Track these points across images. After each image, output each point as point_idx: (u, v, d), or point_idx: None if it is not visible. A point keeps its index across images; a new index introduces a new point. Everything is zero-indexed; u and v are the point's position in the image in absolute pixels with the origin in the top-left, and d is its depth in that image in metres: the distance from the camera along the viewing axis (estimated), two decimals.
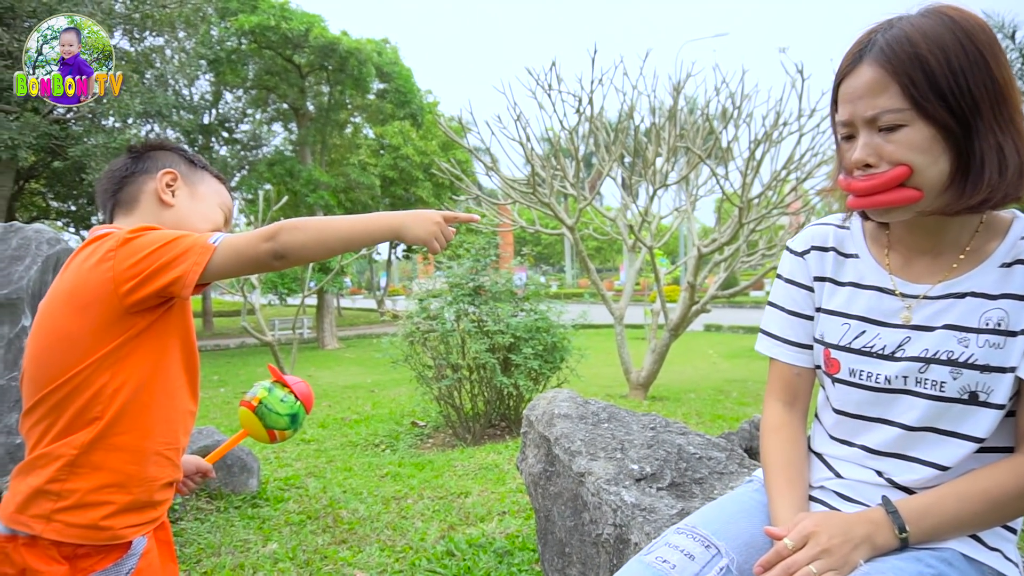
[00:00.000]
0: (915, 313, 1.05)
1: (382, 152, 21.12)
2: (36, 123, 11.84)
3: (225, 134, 19.39)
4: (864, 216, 1.14)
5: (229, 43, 16.22)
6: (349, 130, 21.89)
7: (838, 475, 1.13)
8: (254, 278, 9.08)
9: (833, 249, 1.17)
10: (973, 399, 1.00)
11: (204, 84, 18.15)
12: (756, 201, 7.27)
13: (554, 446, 1.84)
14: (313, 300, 19.85)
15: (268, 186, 17.84)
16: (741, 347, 14.28)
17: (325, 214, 18.34)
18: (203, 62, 16.34)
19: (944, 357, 1.01)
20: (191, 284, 1.09)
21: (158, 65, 15.44)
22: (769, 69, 7.31)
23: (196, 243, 1.11)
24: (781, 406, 1.21)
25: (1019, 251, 1.00)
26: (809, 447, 1.22)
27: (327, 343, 18.77)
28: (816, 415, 1.24)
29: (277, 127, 20.91)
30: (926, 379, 1.02)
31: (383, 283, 31.08)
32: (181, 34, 15.19)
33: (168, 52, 15.82)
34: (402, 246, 26.73)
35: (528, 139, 7.79)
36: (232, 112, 19.58)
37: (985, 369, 0.99)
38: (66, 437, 1.10)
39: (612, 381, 9.41)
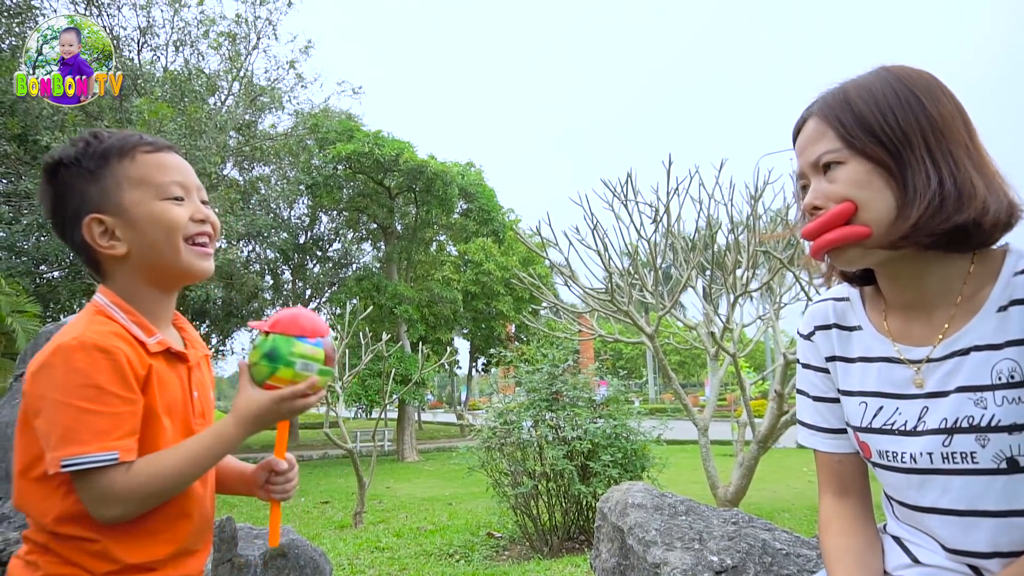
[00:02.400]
0: (927, 378, 0.98)
1: (464, 268, 21.82)
2: None
3: (319, 253, 20.60)
4: (848, 279, 1.11)
5: (326, 169, 17.52)
6: (434, 247, 22.82)
7: (916, 561, 1.03)
8: (338, 387, 9.30)
9: (835, 325, 1.12)
10: (1014, 467, 0.90)
11: (302, 207, 19.54)
12: None
13: (628, 536, 1.75)
14: (394, 413, 20.06)
15: (356, 300, 18.62)
16: None
17: (409, 328, 18.87)
18: (302, 187, 17.66)
19: (965, 424, 0.92)
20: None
21: (263, 191, 16.80)
22: None
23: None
24: (831, 498, 1.13)
25: (1014, 290, 0.93)
26: (885, 530, 1.12)
27: (407, 455, 18.75)
28: (885, 497, 1.15)
29: (366, 246, 22.08)
30: (953, 452, 0.93)
31: (464, 397, 31.15)
32: (285, 163, 16.56)
33: (273, 180, 17.25)
34: (483, 359, 26.95)
35: (605, 248, 7.90)
36: (326, 232, 20.87)
37: (1013, 429, 0.90)
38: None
39: (697, 496, 8.88)
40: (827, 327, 1.13)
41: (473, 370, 27.93)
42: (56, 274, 14.90)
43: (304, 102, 18.19)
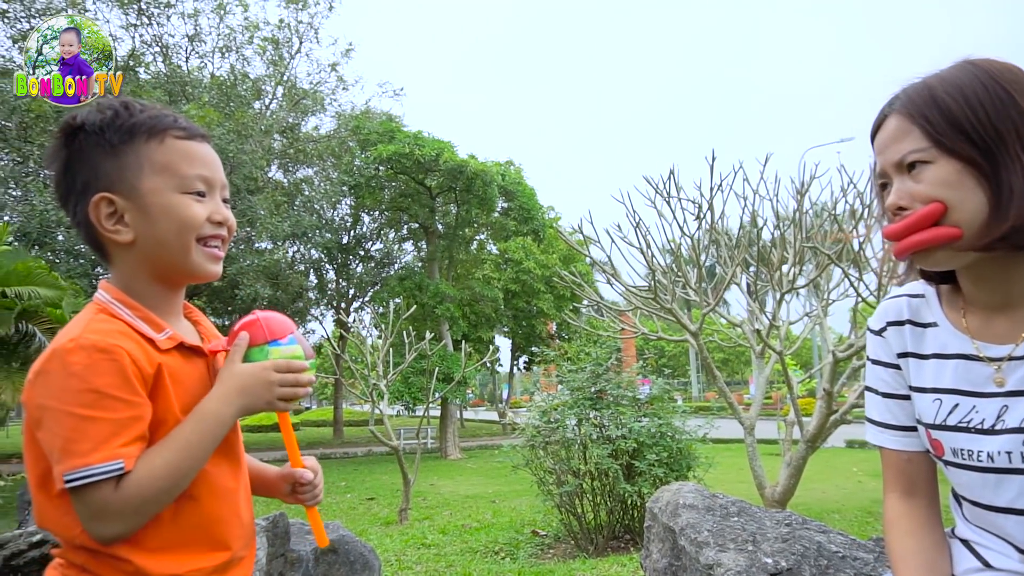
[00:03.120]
0: (1007, 376, 0.96)
1: (505, 266, 21.87)
2: None
3: (361, 252, 20.90)
4: (927, 277, 1.09)
5: (368, 170, 17.76)
6: (474, 246, 22.93)
7: (987, 564, 1.01)
8: (383, 385, 9.42)
9: (908, 321, 1.10)
10: None
11: (344, 207, 19.84)
12: None
13: (679, 537, 1.75)
14: (437, 411, 20.23)
15: (399, 299, 18.81)
16: None
17: (451, 326, 19.01)
18: (345, 188, 17.93)
19: None
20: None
21: (307, 192, 17.10)
22: None
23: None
24: (898, 497, 1.11)
25: None
26: (954, 533, 1.10)
27: (450, 453, 18.89)
28: (953, 499, 1.13)
29: (408, 245, 22.31)
30: None
31: (505, 395, 31.24)
32: (328, 164, 16.83)
33: (316, 181, 17.55)
34: (524, 358, 26.98)
35: (648, 246, 7.84)
36: (368, 232, 21.16)
37: None
38: None
39: (743, 496, 8.77)
40: (900, 323, 1.12)
41: (515, 368, 27.99)
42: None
43: (346, 104, 18.52)
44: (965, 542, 1.06)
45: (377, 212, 20.70)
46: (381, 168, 17.86)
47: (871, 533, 6.04)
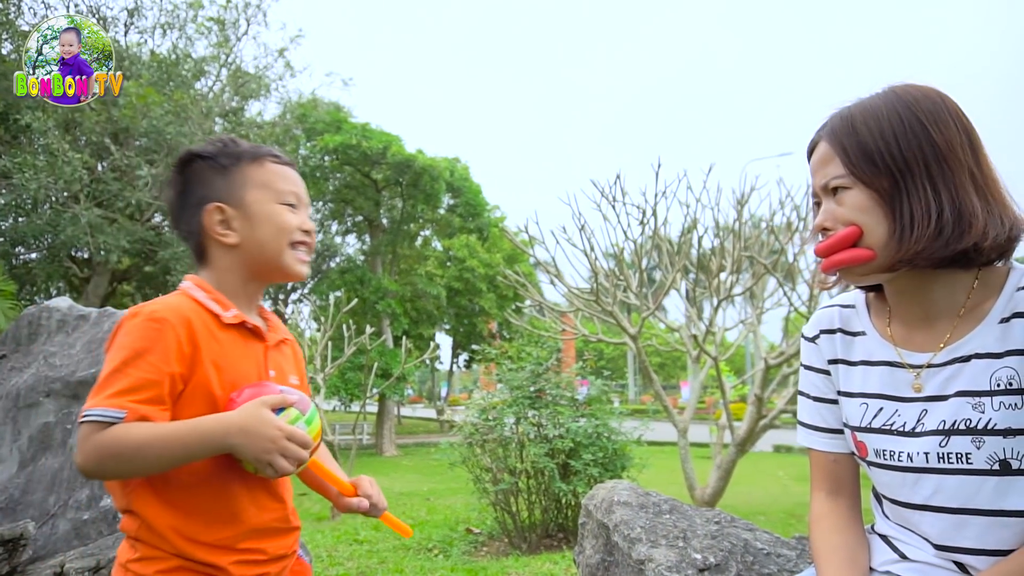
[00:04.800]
0: (925, 382, 1.03)
1: (449, 264, 21.79)
2: (132, 229, 12.79)
3: None
4: (858, 286, 1.16)
5: (313, 160, 17.41)
6: (419, 242, 22.77)
7: (904, 557, 1.07)
8: (320, 379, 9.26)
9: (840, 330, 1.17)
10: (1006, 468, 0.94)
11: None
12: None
13: (613, 533, 1.78)
14: (374, 407, 20.00)
15: (339, 292, 18.52)
16: None
17: (392, 322, 18.83)
18: None
19: (962, 426, 0.97)
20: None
21: None
22: None
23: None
24: (824, 496, 1.17)
25: (1016, 304, 0.99)
26: (873, 529, 1.16)
27: (385, 449, 18.72)
28: (874, 497, 1.19)
29: (351, 238, 21.96)
30: (949, 453, 0.98)
31: (444, 392, 31.13)
32: None
33: None
34: (464, 355, 26.95)
35: (592, 249, 7.94)
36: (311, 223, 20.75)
37: (1008, 433, 0.94)
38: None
39: (675, 497, 8.98)
40: (832, 331, 1.18)
41: (454, 366, 27.91)
42: (33, 256, 14.70)
43: (292, 91, 18.07)
44: (884, 537, 1.12)
45: (321, 203, 20.31)
46: (327, 159, 17.56)
47: (793, 533, 6.26)
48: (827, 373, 1.18)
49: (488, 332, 23.59)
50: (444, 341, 26.43)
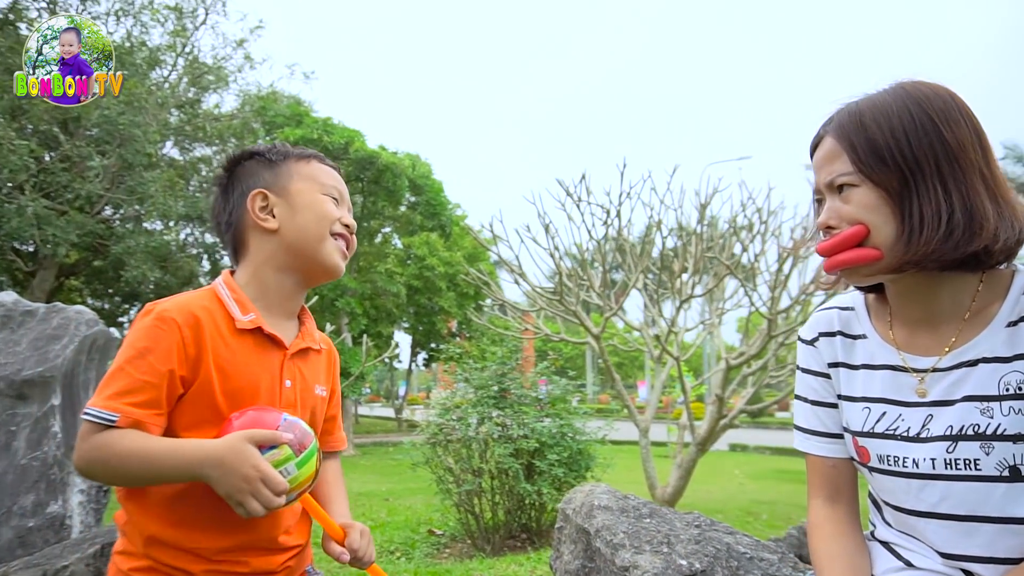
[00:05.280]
0: (930, 387, 1.01)
1: (409, 262, 21.58)
2: (81, 222, 12.32)
3: None
4: (861, 289, 1.14)
5: None
6: (379, 239, 22.50)
7: (910, 564, 1.05)
8: None
9: (839, 332, 1.15)
10: (1016, 475, 0.93)
11: None
12: (784, 316, 7.23)
13: (594, 539, 1.74)
14: None
15: None
16: (769, 468, 13.75)
17: (350, 320, 18.56)
18: None
19: (971, 431, 0.95)
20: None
21: (204, 173, 16.22)
22: (797, 187, 7.46)
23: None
24: (822, 502, 1.15)
25: (1023, 307, 0.97)
26: (873, 536, 1.14)
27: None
28: (872, 504, 1.17)
29: None
30: (957, 459, 0.96)
31: (402, 392, 30.87)
32: (230, 145, 16.03)
33: (215, 162, 16.67)
34: (423, 354, 26.75)
35: (556, 248, 7.93)
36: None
37: (1018, 439, 0.93)
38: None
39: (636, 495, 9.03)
40: (832, 334, 1.15)
41: (413, 365, 27.70)
42: None
43: (252, 84, 17.62)
44: (886, 544, 1.10)
45: None
46: None
47: (749, 531, 6.34)
48: (827, 377, 1.15)
49: (448, 331, 23.45)
50: (403, 339, 26.19)
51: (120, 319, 17.46)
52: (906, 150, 0.95)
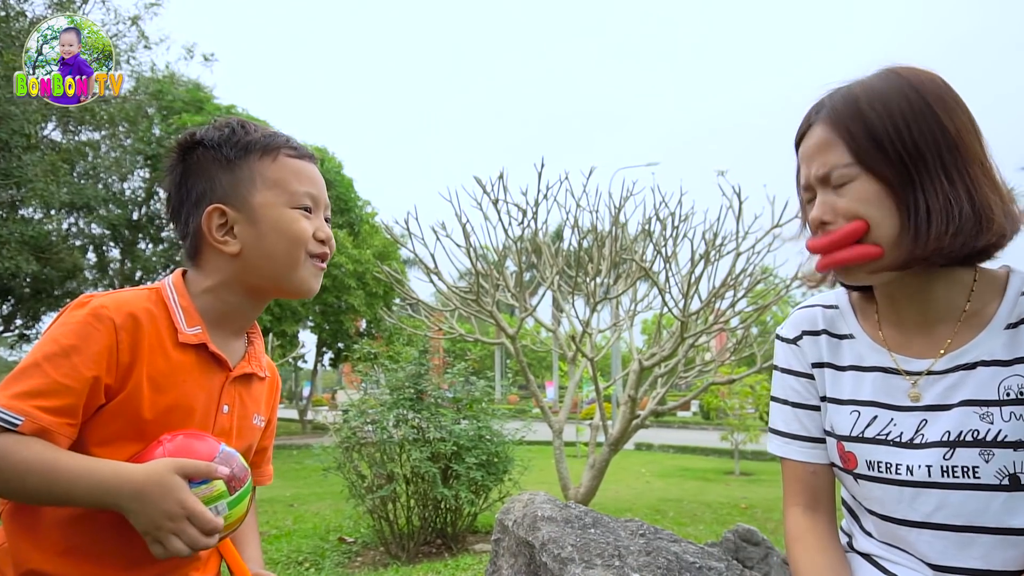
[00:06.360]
0: (924, 391, 0.96)
1: None
2: None
3: (153, 231, 18.82)
4: (847, 287, 1.08)
5: (169, 141, 16.04)
6: None
7: None
8: None
9: (824, 332, 1.08)
10: (1016, 484, 0.89)
11: (137, 180, 17.77)
12: (695, 318, 7.39)
13: (540, 553, 1.64)
14: None
15: None
16: (673, 466, 14.15)
17: None
18: (139, 158, 16.07)
19: (969, 437, 0.91)
20: None
21: (92, 158, 15.09)
22: (708, 192, 7.62)
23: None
24: (801, 511, 1.08)
25: (1022, 309, 0.94)
26: (852, 547, 1.09)
27: None
28: (848, 512, 1.12)
29: None
30: (954, 466, 0.91)
31: (306, 392, 29.89)
32: (121, 129, 14.99)
33: (104, 147, 15.53)
34: (329, 353, 25.99)
35: (472, 248, 7.81)
36: (163, 210, 19.17)
37: (1019, 446, 0.89)
38: None
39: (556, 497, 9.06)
40: (816, 333, 1.09)
41: (319, 365, 26.88)
42: None
43: (146, 65, 16.55)
44: (867, 556, 1.04)
45: None
46: None
47: (707, 540, 6.45)
48: (810, 377, 1.08)
49: (356, 330, 22.88)
50: (308, 339, 25.33)
51: None
52: (907, 138, 0.88)
